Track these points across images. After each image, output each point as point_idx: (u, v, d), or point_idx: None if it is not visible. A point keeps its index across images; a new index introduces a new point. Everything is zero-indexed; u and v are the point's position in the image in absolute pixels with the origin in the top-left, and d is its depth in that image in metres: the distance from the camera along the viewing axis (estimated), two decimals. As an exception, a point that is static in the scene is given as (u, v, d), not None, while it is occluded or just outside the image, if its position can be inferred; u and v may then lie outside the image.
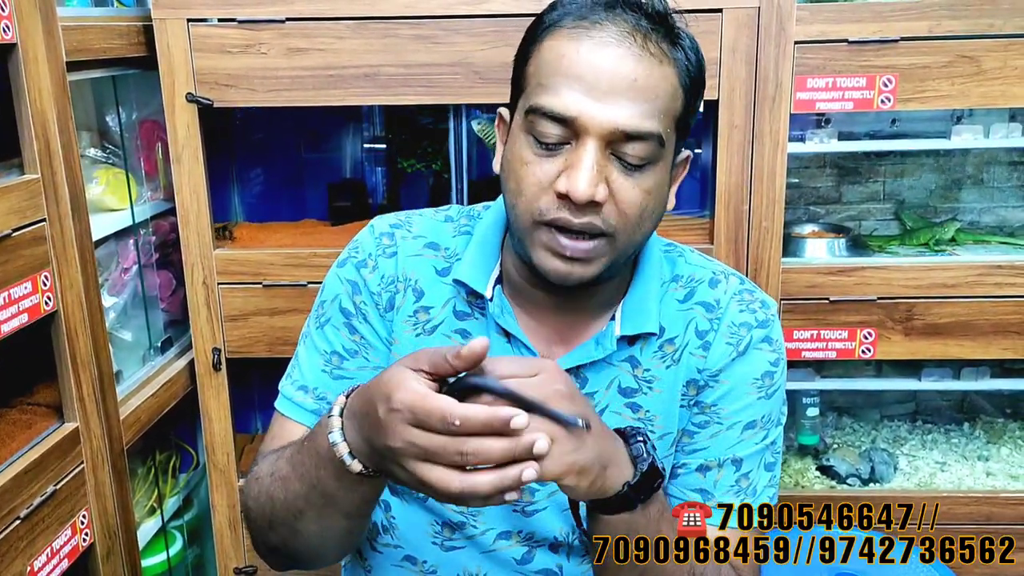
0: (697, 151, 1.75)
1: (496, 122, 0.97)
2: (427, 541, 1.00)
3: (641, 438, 0.81)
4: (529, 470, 0.68)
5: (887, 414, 2.07)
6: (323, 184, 1.91)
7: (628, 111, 0.83)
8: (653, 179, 0.87)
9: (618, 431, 0.83)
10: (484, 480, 0.69)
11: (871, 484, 1.81)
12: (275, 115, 1.94)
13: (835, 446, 1.90)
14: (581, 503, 0.84)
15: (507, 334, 0.97)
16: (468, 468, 0.69)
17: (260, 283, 1.68)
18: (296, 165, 1.97)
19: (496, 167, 0.95)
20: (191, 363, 1.73)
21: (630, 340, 0.97)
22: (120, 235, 1.62)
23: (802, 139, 1.67)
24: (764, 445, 0.97)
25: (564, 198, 0.84)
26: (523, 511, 0.98)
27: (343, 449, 0.77)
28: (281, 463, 0.89)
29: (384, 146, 1.89)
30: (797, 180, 1.94)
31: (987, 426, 2.00)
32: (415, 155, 1.83)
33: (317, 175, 1.95)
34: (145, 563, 1.72)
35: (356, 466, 0.77)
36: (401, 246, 1.01)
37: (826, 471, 1.83)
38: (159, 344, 1.72)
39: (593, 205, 0.84)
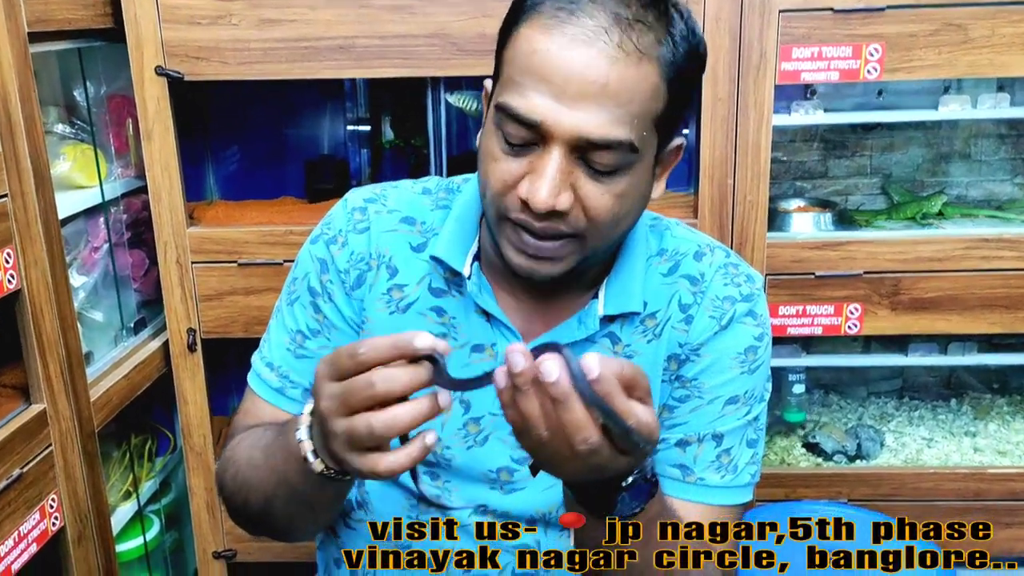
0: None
1: (483, 94, 0.93)
2: (403, 517, 0.98)
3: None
4: (431, 435, 0.68)
5: (874, 391, 2.05)
6: (301, 161, 1.87)
7: (596, 118, 0.77)
8: (626, 183, 0.82)
9: None
10: (395, 458, 0.69)
11: (858, 461, 1.79)
12: (250, 90, 1.89)
13: (821, 423, 1.88)
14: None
15: (486, 314, 0.93)
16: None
17: (235, 262, 1.64)
18: (273, 142, 1.93)
19: (479, 142, 0.92)
20: (165, 344, 1.69)
21: (611, 318, 0.94)
22: (89, 213, 1.58)
23: (788, 111, 1.64)
24: (746, 421, 0.94)
25: (525, 202, 0.81)
26: (500, 488, 0.96)
27: (307, 447, 0.76)
28: (256, 452, 0.88)
29: (364, 123, 1.85)
30: (782, 155, 1.91)
31: (974, 402, 1.98)
32: (394, 131, 1.79)
33: (295, 152, 1.91)
34: (121, 547, 1.69)
35: (318, 465, 0.76)
36: (374, 221, 0.97)
37: (812, 448, 1.81)
38: (132, 325, 1.68)
39: (556, 213, 0.80)
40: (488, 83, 0.89)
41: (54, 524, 1.34)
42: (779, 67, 1.52)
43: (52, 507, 1.33)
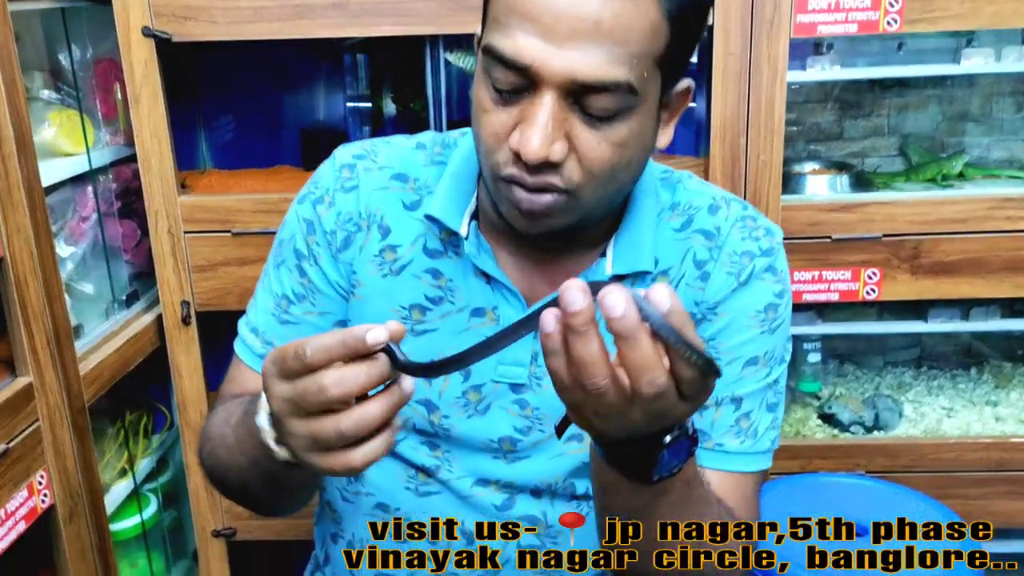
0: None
1: (475, 42, 0.86)
2: (399, 487, 0.93)
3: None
4: (376, 331, 0.61)
5: (891, 360, 1.99)
6: (297, 128, 1.81)
7: (589, 59, 0.70)
8: (626, 130, 0.75)
9: None
10: (371, 448, 0.63)
11: (875, 432, 1.73)
12: (243, 55, 1.83)
13: (837, 394, 1.82)
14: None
15: (486, 276, 0.88)
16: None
17: (229, 231, 1.58)
18: (268, 109, 1.86)
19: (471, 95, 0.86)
20: (159, 318, 1.64)
21: (620, 277, 0.88)
22: (77, 181, 1.52)
23: (803, 68, 1.57)
24: (766, 384, 0.89)
25: (517, 154, 0.74)
26: (504, 457, 0.90)
27: (268, 435, 0.70)
28: (227, 431, 0.83)
29: (361, 89, 1.78)
30: (796, 116, 1.84)
31: (995, 371, 1.92)
32: (393, 95, 1.72)
33: (290, 119, 1.85)
34: (117, 526, 1.65)
35: (282, 453, 0.70)
36: (364, 179, 0.91)
37: (828, 419, 1.75)
38: (124, 298, 1.63)
39: (549, 164, 0.74)
40: (478, 30, 0.83)
41: (43, 502, 1.29)
42: (794, 20, 1.45)
43: (41, 484, 1.28)
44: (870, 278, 1.58)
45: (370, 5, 1.46)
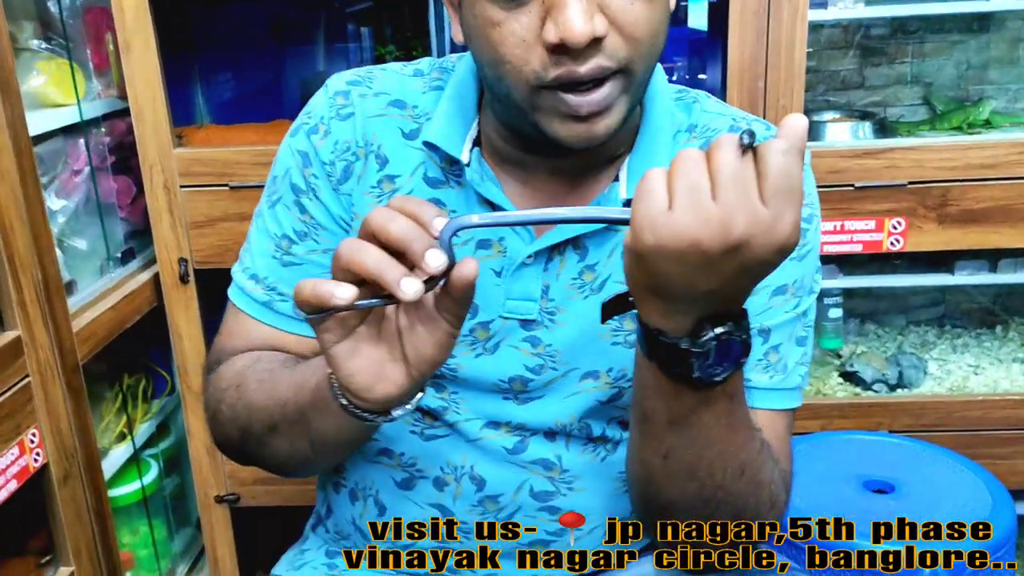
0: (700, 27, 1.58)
1: None
2: (404, 430, 0.87)
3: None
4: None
5: (913, 319, 1.92)
6: (296, 81, 1.75)
7: None
8: None
9: None
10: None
11: (899, 390, 1.67)
12: (239, 7, 1.77)
13: (859, 352, 1.76)
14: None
15: (490, 204, 0.82)
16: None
17: (226, 185, 1.53)
18: (266, 63, 1.80)
19: (457, 36, 0.79)
20: (156, 276, 1.59)
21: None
22: (68, 133, 1.46)
23: (824, 6, 1.50)
24: (795, 315, 0.82)
25: (559, 49, 0.67)
26: (515, 398, 0.84)
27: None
28: (267, 376, 0.80)
29: (361, 34, 1.72)
30: (816, 63, 1.77)
31: (1021, 328, 1.85)
32: (394, 41, 1.66)
33: (289, 72, 1.79)
34: (117, 491, 1.60)
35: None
36: (359, 106, 0.85)
37: (850, 377, 1.69)
38: (119, 255, 1.57)
39: (595, 43, 0.67)
40: None
41: (36, 460, 1.24)
42: (815, -47, 1.39)
43: (33, 442, 1.23)
44: (895, 228, 1.52)
45: (370, -56, 1.40)
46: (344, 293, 0.60)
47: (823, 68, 1.78)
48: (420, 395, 0.69)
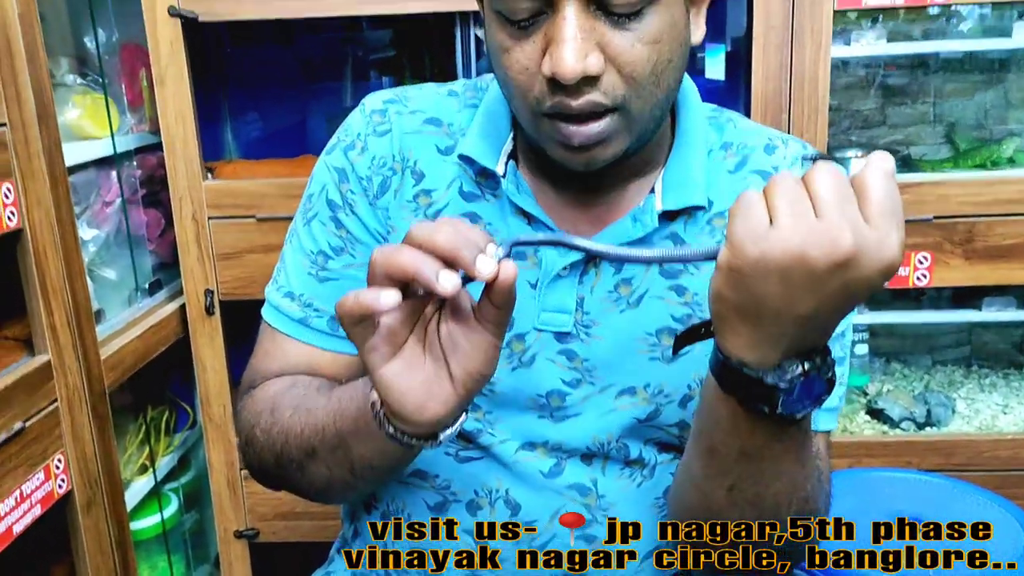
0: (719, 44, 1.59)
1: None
2: (439, 453, 0.86)
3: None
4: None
5: (939, 359, 1.91)
6: (323, 117, 1.78)
7: None
8: (657, 23, 0.69)
9: None
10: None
11: (927, 428, 1.65)
12: (269, 46, 1.81)
13: (886, 389, 1.74)
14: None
15: (526, 215, 0.82)
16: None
17: (254, 216, 1.54)
18: (294, 100, 1.84)
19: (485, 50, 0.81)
20: (182, 308, 1.60)
21: (672, 215, 0.82)
22: (101, 165, 1.49)
23: (847, 42, 1.51)
24: (836, 334, 0.82)
25: (553, 81, 0.69)
26: (551, 416, 0.84)
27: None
28: (305, 404, 0.79)
29: (388, 71, 1.75)
30: (838, 102, 1.78)
31: (1050, 369, 1.83)
32: (420, 76, 1.69)
33: (316, 108, 1.82)
34: (138, 525, 1.59)
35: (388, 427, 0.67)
36: (396, 123, 0.86)
37: (877, 415, 1.67)
38: (147, 286, 1.59)
39: (589, 80, 0.69)
40: None
41: (60, 487, 1.24)
42: (838, -10, 1.41)
43: (59, 468, 1.23)
44: (920, 263, 1.51)
45: (400, -18, 1.43)
46: (388, 295, 0.59)
47: (845, 107, 1.79)
48: (464, 416, 0.68)
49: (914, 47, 1.53)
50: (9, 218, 1.15)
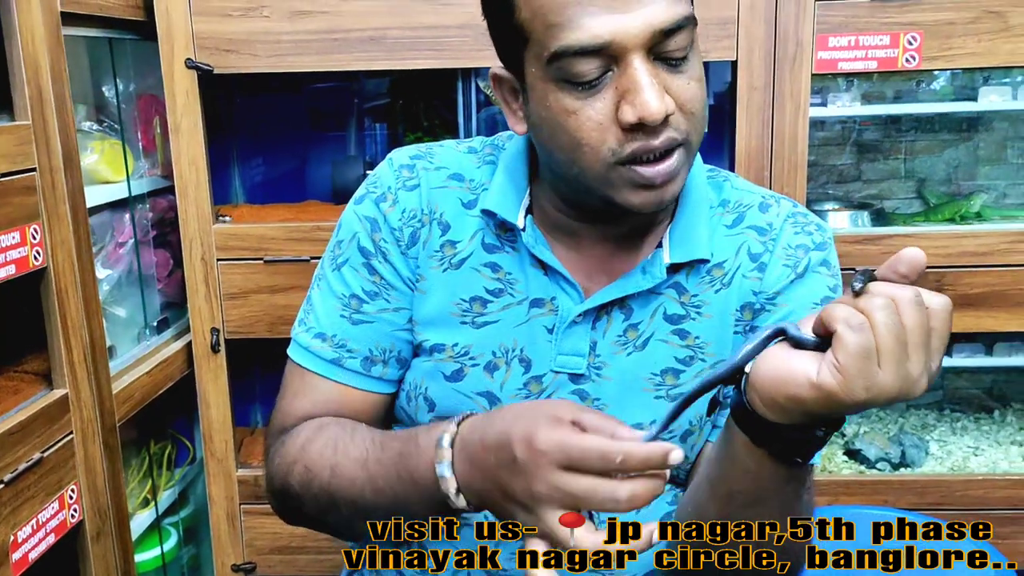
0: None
1: (492, 85, 0.88)
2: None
3: None
4: (676, 452, 0.65)
5: (913, 403, 1.98)
6: (327, 164, 1.85)
7: (657, 6, 0.74)
8: (697, 64, 0.79)
9: None
10: (642, 488, 0.66)
11: (902, 468, 1.72)
12: (276, 95, 1.89)
13: (862, 431, 1.82)
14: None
15: (544, 266, 0.89)
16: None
17: (261, 258, 1.61)
18: (299, 148, 1.91)
19: (518, 129, 0.87)
20: (188, 346, 1.66)
21: (676, 268, 0.89)
22: (115, 208, 1.56)
23: (824, 104, 1.61)
24: None
25: (635, 128, 0.76)
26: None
27: (451, 485, 0.73)
28: (349, 464, 0.83)
29: (391, 121, 1.83)
30: (815, 158, 1.88)
31: (1018, 412, 1.91)
32: (421, 128, 1.77)
33: (320, 156, 1.90)
34: (139, 557, 1.63)
35: (461, 502, 0.73)
36: (423, 178, 0.93)
37: (854, 455, 1.74)
38: (155, 324, 1.65)
39: (665, 120, 0.76)
40: (498, 71, 0.85)
41: (73, 517, 1.28)
42: (816, 56, 1.50)
43: (72, 498, 1.28)
44: (894, 311, 1.59)
45: (406, 40, 1.52)
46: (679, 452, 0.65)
47: (823, 162, 1.89)
48: None
49: (886, 109, 1.63)
50: (35, 257, 1.21)
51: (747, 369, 0.67)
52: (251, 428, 1.95)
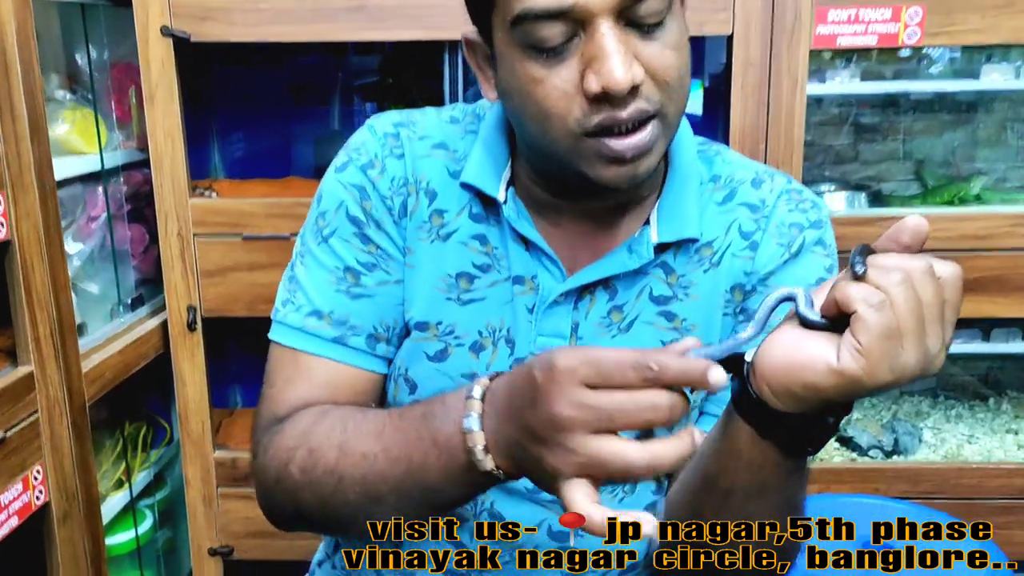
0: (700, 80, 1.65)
1: (465, 50, 0.83)
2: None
3: None
4: (717, 369, 0.56)
5: (907, 390, 1.95)
6: (310, 140, 1.80)
7: None
8: (675, 31, 0.73)
9: None
10: (670, 448, 0.57)
11: (895, 456, 1.68)
12: (257, 70, 1.83)
13: (855, 418, 1.78)
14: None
15: (525, 241, 0.84)
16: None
17: (239, 235, 1.56)
18: (280, 122, 1.86)
19: (490, 97, 0.82)
20: (164, 324, 1.61)
21: (663, 247, 0.85)
22: (88, 181, 1.50)
23: (822, 80, 1.57)
24: None
25: (600, 98, 0.71)
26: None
27: (478, 440, 0.64)
28: (361, 438, 0.74)
29: (374, 95, 1.78)
30: (812, 138, 1.83)
31: (1014, 400, 1.88)
32: (408, 102, 1.72)
33: (303, 131, 1.84)
34: (112, 540, 1.59)
35: (488, 463, 0.64)
36: (408, 147, 0.87)
37: (846, 443, 1.71)
38: (129, 301, 1.60)
39: (634, 90, 0.71)
40: (470, 34, 0.80)
41: (38, 499, 1.24)
42: (814, 30, 1.45)
43: (37, 479, 1.24)
44: (890, 295, 1.55)
45: (389, 9, 1.46)
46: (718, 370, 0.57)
47: (819, 142, 1.84)
48: None
49: (886, 86, 1.58)
50: (-2, 229, 1.16)
51: (748, 358, 0.62)
52: (229, 409, 1.90)
